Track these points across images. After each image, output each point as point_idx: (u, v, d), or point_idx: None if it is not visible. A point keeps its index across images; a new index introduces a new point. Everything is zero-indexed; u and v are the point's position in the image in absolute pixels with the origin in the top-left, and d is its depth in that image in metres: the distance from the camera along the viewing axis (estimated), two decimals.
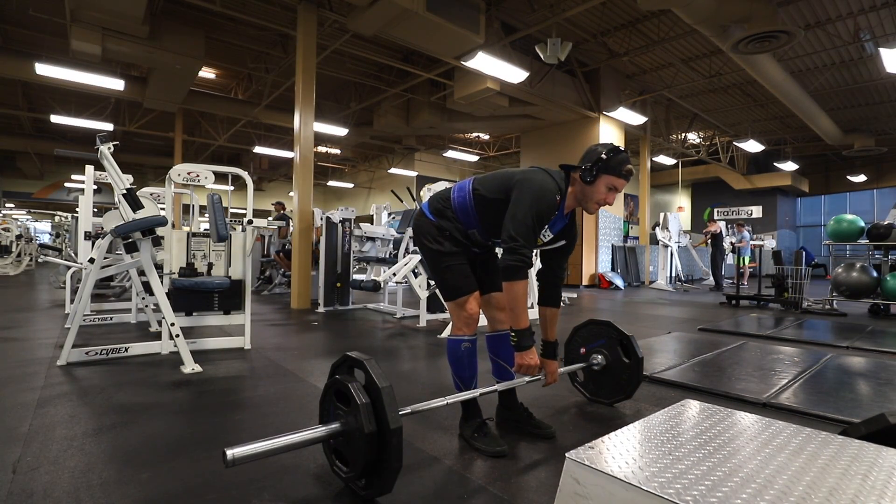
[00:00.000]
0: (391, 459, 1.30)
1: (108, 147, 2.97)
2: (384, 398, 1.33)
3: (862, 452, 1.10)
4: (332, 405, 1.46)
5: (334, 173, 21.09)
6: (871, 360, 3.34)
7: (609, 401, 2.27)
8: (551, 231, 1.79)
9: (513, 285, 1.64)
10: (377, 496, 1.40)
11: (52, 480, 1.49)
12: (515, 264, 1.63)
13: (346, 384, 1.39)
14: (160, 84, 8.77)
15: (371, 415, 1.34)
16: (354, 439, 1.36)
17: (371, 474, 1.37)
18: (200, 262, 3.61)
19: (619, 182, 1.70)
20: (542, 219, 1.67)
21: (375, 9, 5.74)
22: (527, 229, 1.64)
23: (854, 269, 6.08)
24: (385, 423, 1.31)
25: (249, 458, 1.25)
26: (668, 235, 9.97)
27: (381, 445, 1.33)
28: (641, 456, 1.08)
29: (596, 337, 2.28)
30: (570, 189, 1.77)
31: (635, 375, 2.15)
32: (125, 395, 2.33)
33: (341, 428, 1.40)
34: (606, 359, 2.22)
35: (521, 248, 1.63)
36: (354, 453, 1.37)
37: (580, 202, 1.77)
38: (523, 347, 1.69)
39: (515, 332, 1.68)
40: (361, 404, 1.34)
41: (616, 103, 9.80)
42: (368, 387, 1.38)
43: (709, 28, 6.33)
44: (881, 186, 17.33)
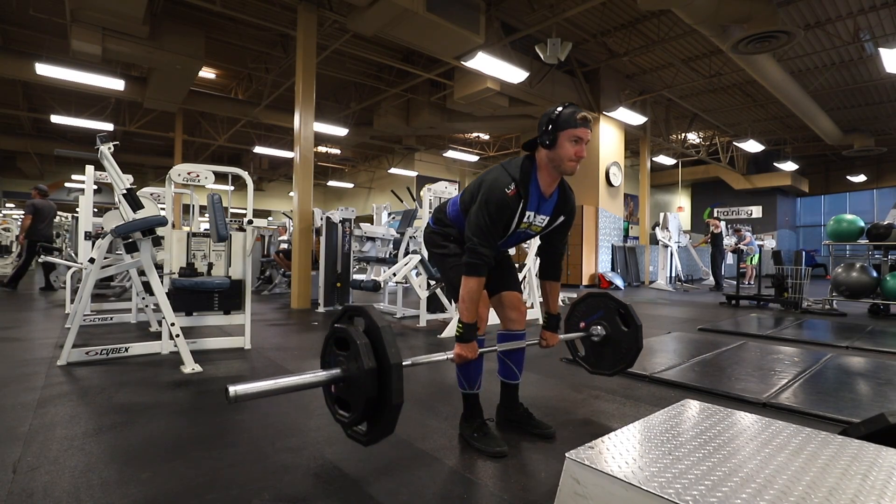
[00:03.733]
0: (392, 396, 1.31)
1: (109, 147, 2.97)
2: (384, 336, 1.35)
3: (862, 452, 1.10)
4: (333, 354, 1.47)
5: (334, 173, 21.09)
6: (871, 360, 3.34)
7: (611, 371, 2.24)
8: (542, 214, 1.81)
9: (468, 281, 1.69)
10: (379, 438, 1.40)
11: (52, 480, 1.49)
12: (473, 262, 1.68)
13: (346, 330, 1.41)
14: (160, 84, 8.77)
15: (371, 352, 1.35)
16: (355, 380, 1.37)
17: (372, 415, 1.38)
18: (200, 262, 3.61)
19: (578, 132, 1.67)
20: (499, 214, 1.67)
21: (375, 9, 5.74)
22: (480, 228, 1.68)
23: (854, 269, 6.08)
24: (385, 360, 1.33)
25: (251, 397, 1.26)
26: (668, 235, 9.97)
27: (382, 382, 1.33)
28: (641, 456, 1.08)
29: (594, 310, 2.26)
30: (539, 165, 1.76)
31: (635, 344, 2.13)
32: (125, 395, 2.33)
33: (342, 373, 1.41)
34: (606, 329, 2.21)
35: (477, 248, 1.67)
36: (356, 394, 1.37)
37: (557, 170, 1.74)
38: (464, 339, 1.70)
39: (461, 324, 1.70)
40: (361, 343, 1.36)
41: (616, 103, 9.80)
42: (368, 329, 1.40)
43: (709, 28, 6.33)
44: (881, 186, 17.33)
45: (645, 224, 12.59)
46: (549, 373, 2.94)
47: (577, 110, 1.68)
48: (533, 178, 1.75)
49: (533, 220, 1.79)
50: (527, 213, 1.75)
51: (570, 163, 1.70)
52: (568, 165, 1.71)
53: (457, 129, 12.32)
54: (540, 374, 2.91)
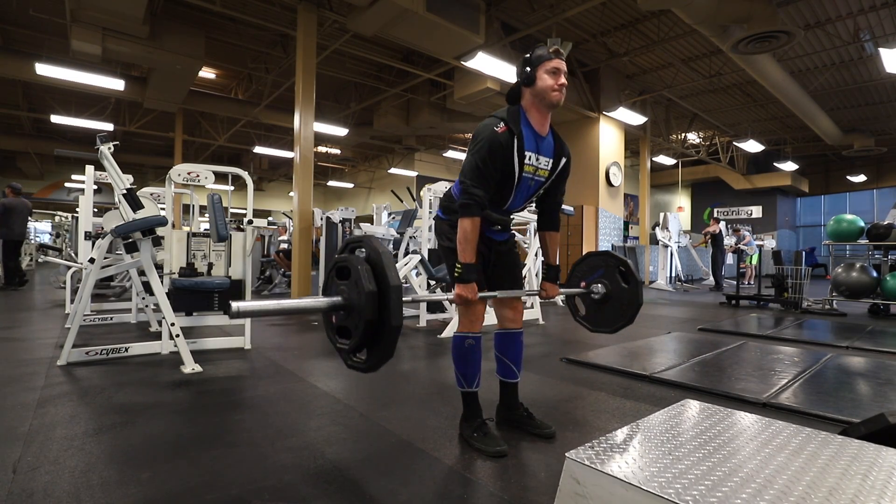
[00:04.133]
0: (391, 317, 1.33)
1: (109, 147, 2.97)
2: (384, 261, 1.37)
3: (862, 452, 1.10)
4: (335, 285, 1.49)
5: (334, 173, 21.08)
6: (871, 360, 3.34)
7: (611, 329, 2.23)
8: (544, 156, 1.82)
9: (463, 222, 1.70)
10: (380, 363, 1.41)
11: (52, 480, 1.49)
12: (466, 202, 1.70)
13: (347, 258, 1.44)
14: (160, 84, 8.77)
15: (371, 277, 1.37)
16: (355, 304, 1.39)
17: (372, 341, 1.40)
18: (200, 262, 3.61)
19: (554, 63, 1.73)
20: (491, 153, 1.68)
21: (375, 9, 5.74)
22: (471, 170, 1.70)
23: (854, 269, 6.08)
24: (385, 282, 1.35)
25: (252, 313, 1.29)
26: (668, 235, 9.97)
27: (381, 304, 1.35)
28: (641, 456, 1.08)
29: (594, 269, 2.26)
30: (526, 107, 1.80)
31: (635, 300, 2.12)
32: (125, 395, 2.33)
33: (343, 301, 1.43)
34: (606, 287, 2.20)
35: (470, 188, 1.69)
36: (356, 319, 1.39)
37: (543, 104, 1.77)
38: (464, 280, 1.70)
39: (460, 265, 1.71)
40: (362, 269, 1.38)
41: (616, 103, 9.80)
42: (368, 258, 1.43)
43: (709, 28, 6.33)
44: (881, 186, 17.32)
45: (645, 224, 12.59)
46: (549, 373, 2.94)
47: (548, 45, 1.75)
48: (522, 118, 1.79)
49: (538, 164, 1.80)
50: (527, 154, 1.76)
51: (554, 93, 1.74)
52: (553, 96, 1.75)
53: (457, 129, 12.32)
54: (540, 374, 2.91)
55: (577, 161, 10.18)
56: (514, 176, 1.75)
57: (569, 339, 4.16)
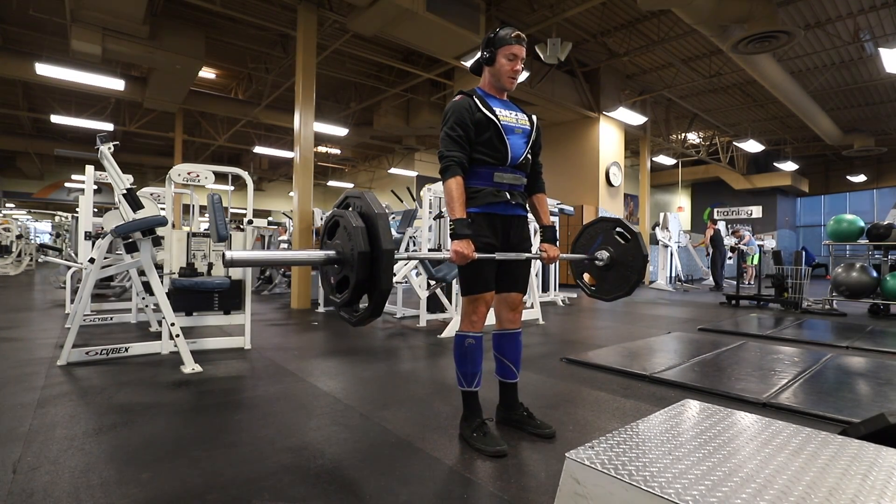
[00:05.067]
0: (381, 281, 1.39)
1: (109, 147, 2.97)
2: (379, 223, 1.43)
3: (862, 452, 1.10)
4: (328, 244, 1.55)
5: (334, 173, 21.07)
6: (871, 360, 3.34)
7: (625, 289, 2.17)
8: (513, 111, 1.91)
9: (447, 184, 1.77)
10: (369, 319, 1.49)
11: (52, 480, 1.49)
12: (445, 165, 1.78)
13: (344, 215, 1.48)
14: (160, 84, 8.77)
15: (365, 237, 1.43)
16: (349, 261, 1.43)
17: (366, 282, 1.46)
18: (200, 262, 3.61)
19: (513, 49, 1.81)
20: (458, 120, 1.78)
21: (375, 9, 5.74)
22: (446, 139, 1.79)
23: (854, 269, 6.08)
24: (378, 246, 1.40)
25: (246, 263, 1.33)
26: (668, 235, 9.97)
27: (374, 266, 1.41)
28: (641, 456, 1.08)
29: (593, 238, 2.25)
30: (484, 84, 1.91)
31: (639, 253, 2.10)
32: (125, 395, 2.33)
33: (337, 255, 1.46)
34: (609, 252, 2.19)
35: (445, 153, 1.78)
36: (349, 265, 1.44)
37: (498, 84, 1.88)
38: (459, 235, 1.71)
39: (453, 222, 1.73)
40: (357, 227, 1.42)
41: (616, 103, 9.80)
42: (364, 216, 1.48)
43: (709, 28, 6.32)
44: (881, 186, 17.32)
45: (645, 224, 12.58)
46: (549, 373, 2.94)
47: (513, 30, 1.82)
48: (478, 90, 1.90)
49: (513, 117, 1.88)
50: (497, 110, 1.84)
51: (509, 79, 1.86)
52: (507, 81, 1.86)
53: None
54: (540, 374, 2.91)
55: (577, 161, 10.19)
56: (496, 123, 1.81)
57: (569, 339, 4.16)
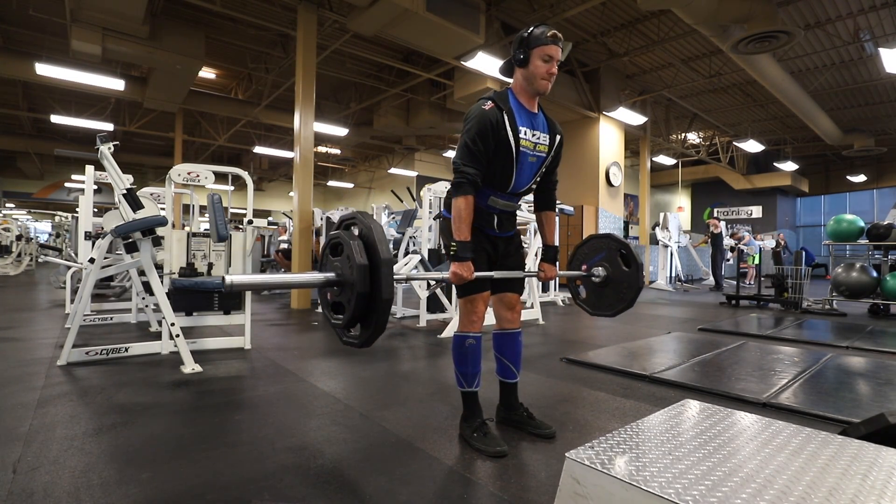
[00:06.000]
0: (382, 291, 1.36)
1: (109, 147, 2.97)
2: (375, 236, 1.41)
3: (862, 452, 1.10)
4: (329, 262, 1.52)
5: (334, 173, 21.07)
6: (871, 360, 3.34)
7: (612, 312, 2.21)
8: (538, 130, 1.82)
9: (456, 201, 1.72)
10: (373, 339, 1.44)
11: (52, 480, 1.49)
12: (458, 181, 1.71)
13: (340, 235, 1.47)
14: (160, 84, 8.77)
15: (363, 250, 1.40)
16: (348, 279, 1.42)
17: (364, 315, 1.43)
18: (200, 262, 3.61)
19: (549, 49, 1.72)
20: (480, 130, 1.69)
21: (375, 9, 5.74)
22: (462, 149, 1.71)
23: (854, 269, 6.08)
24: (376, 257, 1.38)
25: (246, 287, 1.32)
26: (668, 235, 9.97)
27: (373, 278, 1.38)
28: (641, 456, 1.08)
29: (596, 251, 2.24)
30: (515, 89, 1.82)
31: (635, 283, 2.11)
32: (125, 395, 2.33)
33: (337, 277, 1.45)
34: (607, 270, 2.19)
35: (461, 167, 1.70)
36: (348, 292, 1.42)
37: (531, 88, 1.78)
38: (459, 258, 1.69)
39: (455, 243, 1.70)
40: (354, 243, 1.41)
41: (616, 103, 9.80)
42: (361, 233, 1.46)
43: (709, 28, 6.32)
44: (881, 186, 17.31)
45: (645, 224, 12.58)
46: (549, 373, 2.94)
47: (548, 29, 1.73)
48: (510, 97, 1.80)
49: (536, 140, 1.80)
50: (521, 129, 1.76)
51: (543, 81, 1.76)
52: (541, 83, 1.76)
53: (457, 129, 12.30)
54: (540, 374, 2.91)
55: (577, 161, 10.19)
56: (513, 152, 1.74)
57: (569, 339, 4.16)
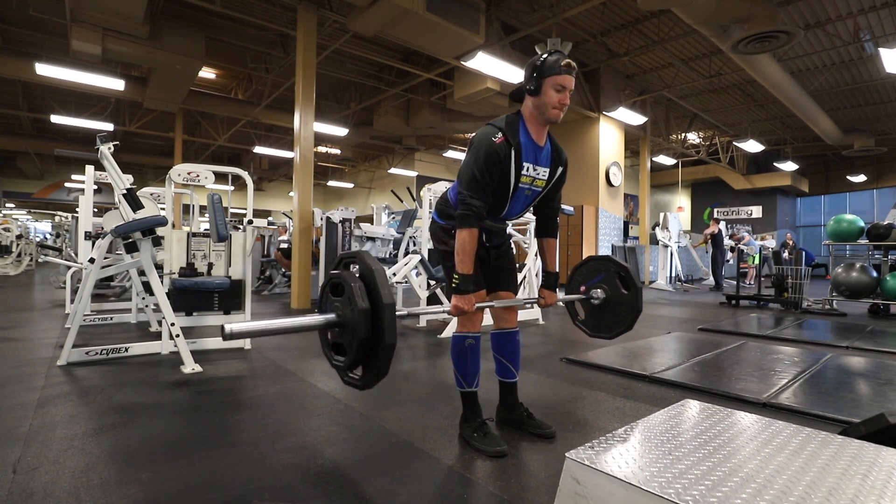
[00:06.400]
0: (385, 335, 1.32)
1: (109, 147, 2.97)
2: (377, 279, 1.37)
3: (862, 452, 1.10)
4: (329, 302, 1.49)
5: (334, 173, 21.07)
6: (871, 360, 3.34)
7: (610, 335, 2.23)
8: (541, 166, 1.80)
9: (461, 233, 1.69)
10: (375, 382, 1.41)
11: (52, 480, 1.49)
12: (464, 213, 1.68)
13: (340, 275, 1.43)
14: (160, 84, 8.76)
15: (364, 294, 1.37)
16: (350, 322, 1.39)
17: (367, 358, 1.40)
18: (200, 262, 3.61)
19: (562, 79, 1.69)
20: (488, 163, 1.67)
21: (375, 9, 5.74)
22: (469, 180, 1.68)
23: (854, 269, 6.08)
24: (378, 300, 1.35)
25: (246, 334, 1.28)
26: (668, 235, 9.97)
27: (375, 322, 1.35)
28: (641, 456, 1.08)
29: (595, 273, 2.26)
30: (526, 116, 1.77)
31: (634, 306, 2.12)
32: (125, 395, 2.33)
33: (337, 318, 1.42)
34: (606, 293, 2.20)
35: (467, 199, 1.68)
36: (350, 336, 1.39)
37: (542, 117, 1.74)
38: (461, 291, 1.69)
39: (458, 276, 1.70)
40: (355, 285, 1.38)
41: (616, 103, 9.79)
42: (362, 274, 1.43)
43: (709, 28, 6.32)
44: (881, 186, 17.31)
45: (645, 224, 12.58)
46: (549, 373, 2.94)
47: (562, 57, 1.70)
48: (521, 127, 1.76)
49: (535, 175, 1.79)
50: (524, 165, 1.74)
51: (555, 110, 1.72)
52: (552, 113, 1.72)
53: (457, 129, 12.31)
54: (540, 374, 2.91)
55: (577, 161, 10.18)
56: (510, 187, 1.73)
57: (569, 339, 4.16)
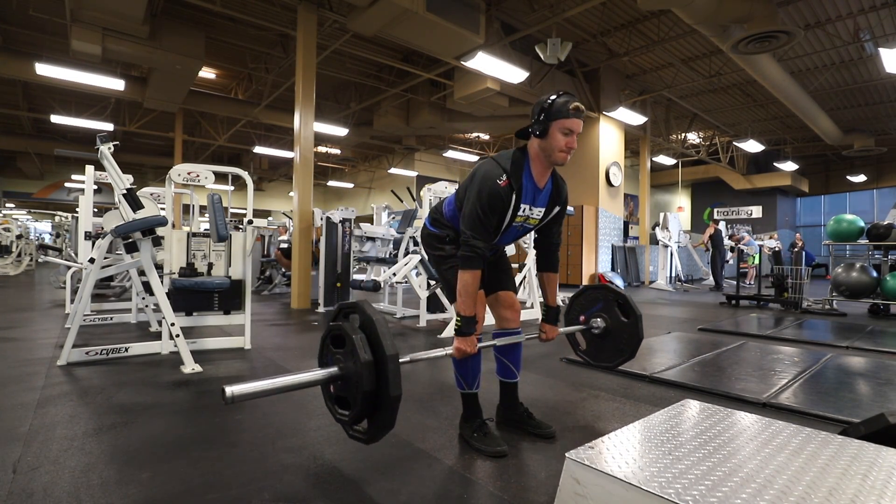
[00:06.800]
0: (390, 388, 1.30)
1: (109, 147, 2.97)
2: (378, 329, 1.35)
3: (861, 452, 1.10)
4: (330, 354, 1.47)
5: (334, 173, 21.08)
6: (871, 360, 3.34)
7: (612, 364, 2.23)
8: (538, 206, 1.80)
9: (463, 274, 1.68)
10: (381, 434, 1.40)
11: (52, 480, 1.49)
12: (467, 255, 1.67)
13: (341, 326, 1.41)
14: (160, 84, 8.77)
15: (367, 346, 1.35)
16: (353, 375, 1.36)
17: (372, 411, 1.38)
18: (200, 262, 3.61)
19: (570, 123, 1.66)
20: (492, 205, 1.66)
21: (375, 9, 5.74)
22: (473, 221, 1.67)
23: (854, 269, 6.08)
24: (381, 352, 1.33)
25: (248, 397, 1.26)
26: (668, 235, 9.96)
27: (379, 374, 1.33)
28: (641, 456, 1.08)
29: (593, 302, 2.26)
30: (531, 156, 1.75)
31: (636, 334, 2.12)
32: (125, 395, 2.33)
33: (340, 371, 1.40)
34: (606, 322, 2.20)
35: (471, 240, 1.67)
36: (354, 389, 1.37)
37: (548, 160, 1.72)
38: (463, 333, 1.69)
39: (460, 318, 1.69)
40: (357, 338, 1.35)
41: (616, 103, 9.80)
42: (363, 325, 1.41)
43: (709, 28, 6.32)
44: (881, 186, 17.31)
45: (645, 224, 12.58)
46: (549, 373, 2.94)
47: (571, 100, 1.67)
48: (525, 169, 1.75)
49: (530, 214, 1.79)
50: (522, 206, 1.74)
51: (561, 153, 1.69)
52: (558, 156, 1.70)
53: (457, 129, 12.32)
54: (540, 374, 2.91)
55: (578, 161, 10.18)
56: (504, 224, 1.74)
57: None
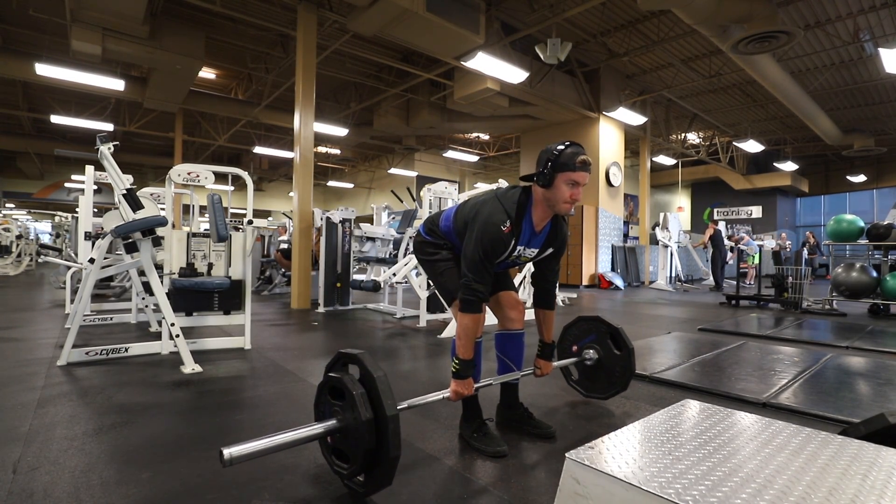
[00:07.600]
0: (389, 448, 1.30)
1: (109, 147, 2.97)
2: (379, 386, 1.34)
3: (861, 452, 1.10)
4: (328, 404, 1.46)
5: (334, 173, 21.09)
6: (871, 360, 3.34)
7: (605, 395, 2.26)
8: (532, 247, 1.80)
9: (463, 317, 1.68)
10: (378, 489, 1.39)
11: (52, 480, 1.49)
12: (468, 299, 1.67)
13: (341, 379, 1.40)
14: (160, 84, 8.77)
15: (367, 403, 1.34)
16: (352, 431, 1.35)
17: (370, 467, 1.37)
18: (200, 262, 3.61)
19: (576, 176, 1.63)
20: (493, 250, 1.66)
21: (375, 9, 5.74)
22: (475, 264, 1.67)
23: (854, 269, 6.08)
24: (381, 411, 1.32)
25: (247, 458, 1.25)
26: (668, 235, 9.97)
27: (379, 433, 1.32)
28: (641, 456, 1.08)
29: (586, 333, 2.28)
30: (535, 201, 1.73)
31: (628, 367, 2.14)
32: (125, 395, 2.33)
33: (338, 424, 1.39)
34: (598, 353, 2.22)
35: (472, 284, 1.66)
36: (353, 446, 1.36)
37: (551, 209, 1.72)
38: (461, 376, 1.70)
39: (458, 361, 1.70)
40: (357, 394, 1.34)
41: (616, 103, 9.80)
42: (363, 378, 1.39)
43: (709, 28, 6.32)
44: (881, 186, 17.32)
45: (645, 224, 12.58)
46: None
47: (578, 152, 1.64)
48: (527, 214, 1.74)
49: (522, 252, 1.79)
50: (518, 248, 1.76)
51: (565, 205, 1.68)
52: (562, 207, 1.68)
53: (457, 129, 12.32)
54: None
55: None
56: (499, 259, 1.74)
57: None
